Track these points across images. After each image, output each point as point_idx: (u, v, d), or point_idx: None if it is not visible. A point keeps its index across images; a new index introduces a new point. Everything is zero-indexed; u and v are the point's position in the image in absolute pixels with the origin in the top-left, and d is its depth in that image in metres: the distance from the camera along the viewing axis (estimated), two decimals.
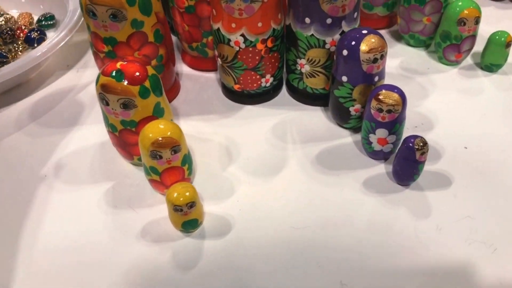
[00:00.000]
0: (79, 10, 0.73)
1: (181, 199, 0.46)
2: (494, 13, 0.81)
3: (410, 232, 0.49)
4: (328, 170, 0.56)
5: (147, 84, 0.49)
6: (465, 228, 0.49)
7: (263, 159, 0.57)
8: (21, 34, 0.79)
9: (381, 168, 0.56)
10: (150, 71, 0.50)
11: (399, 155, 0.51)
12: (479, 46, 0.69)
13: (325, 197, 0.53)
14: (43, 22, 0.81)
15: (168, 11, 0.68)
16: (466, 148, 0.57)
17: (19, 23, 0.81)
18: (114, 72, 0.48)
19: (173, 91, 0.66)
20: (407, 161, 0.50)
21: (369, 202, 0.52)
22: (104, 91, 0.49)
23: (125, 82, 0.48)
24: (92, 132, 0.62)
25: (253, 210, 0.52)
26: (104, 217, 0.52)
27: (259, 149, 0.59)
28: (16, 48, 0.76)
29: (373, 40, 0.52)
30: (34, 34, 0.77)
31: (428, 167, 0.54)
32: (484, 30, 0.70)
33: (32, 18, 0.83)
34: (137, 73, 0.49)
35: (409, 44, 0.74)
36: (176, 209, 0.47)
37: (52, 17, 0.82)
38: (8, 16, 0.82)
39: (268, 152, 0.58)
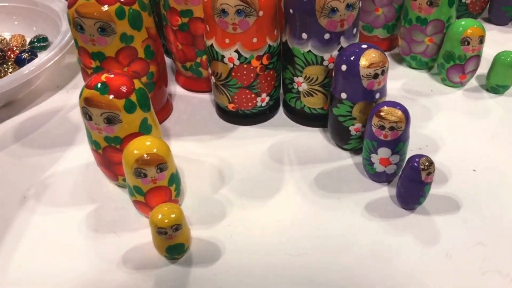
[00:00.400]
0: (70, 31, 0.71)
1: (166, 220, 0.42)
2: (498, 37, 0.79)
3: (417, 260, 0.45)
4: (327, 193, 0.52)
5: (133, 98, 0.46)
6: (477, 255, 0.45)
7: (258, 181, 0.54)
8: (12, 55, 0.77)
9: (384, 191, 0.52)
10: (137, 84, 0.47)
11: (403, 176, 0.48)
12: (483, 69, 0.67)
13: (324, 222, 0.49)
14: (36, 44, 0.79)
15: (162, 32, 0.66)
16: (474, 170, 0.54)
17: (11, 44, 0.80)
18: (98, 84, 0.46)
19: (164, 111, 0.63)
20: (412, 182, 0.47)
21: (372, 227, 0.48)
22: (87, 105, 0.46)
23: (110, 96, 0.45)
24: (78, 153, 0.59)
25: (245, 235, 0.48)
26: (84, 242, 0.48)
27: (253, 171, 0.55)
28: (6, 69, 0.74)
29: (373, 55, 0.50)
30: (25, 55, 0.75)
31: (434, 190, 0.50)
32: (488, 54, 0.68)
33: (24, 40, 0.81)
34: (123, 86, 0.46)
35: (411, 66, 0.72)
36: (160, 231, 0.43)
37: (45, 39, 0.80)
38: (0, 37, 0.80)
39: (263, 174, 0.55)
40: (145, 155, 0.44)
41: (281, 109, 0.64)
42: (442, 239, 0.46)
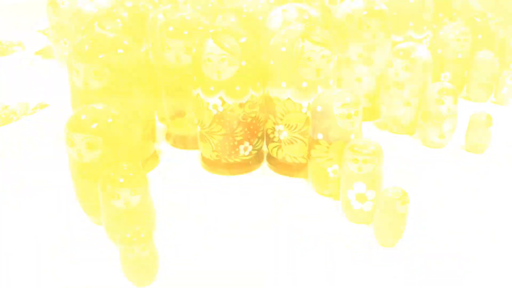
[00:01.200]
0: None
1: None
2: None
3: None
4: (308, 237, 0.51)
5: None
6: None
7: (236, 227, 0.54)
8: None
9: (364, 230, 0.51)
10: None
11: (378, 209, 0.47)
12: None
13: (305, 266, 0.48)
14: None
15: None
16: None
17: None
18: None
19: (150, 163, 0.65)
20: (387, 214, 0.46)
21: (352, 266, 0.47)
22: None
23: None
24: None
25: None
26: None
27: (233, 218, 0.55)
28: None
29: (346, 97, 0.53)
30: None
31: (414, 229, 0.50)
32: None
33: None
34: None
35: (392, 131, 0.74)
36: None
37: None
38: None
39: (243, 221, 0.55)
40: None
41: (265, 165, 0.65)
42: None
